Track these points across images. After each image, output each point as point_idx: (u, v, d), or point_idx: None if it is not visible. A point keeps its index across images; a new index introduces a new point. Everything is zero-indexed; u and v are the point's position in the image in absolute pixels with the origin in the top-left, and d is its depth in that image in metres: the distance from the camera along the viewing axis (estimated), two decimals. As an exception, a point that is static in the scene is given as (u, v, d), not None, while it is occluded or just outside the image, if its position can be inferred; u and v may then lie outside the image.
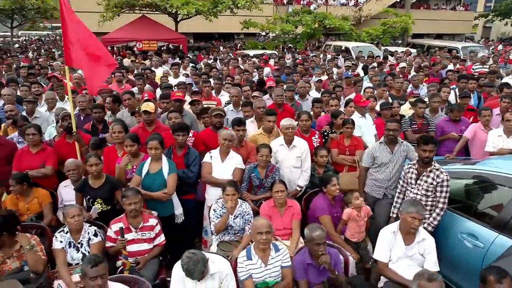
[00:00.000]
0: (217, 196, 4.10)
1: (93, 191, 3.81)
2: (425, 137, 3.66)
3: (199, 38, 27.56)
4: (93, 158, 3.75)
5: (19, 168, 4.29)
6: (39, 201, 4.13)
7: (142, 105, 4.72)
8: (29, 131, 4.34)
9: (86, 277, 2.58)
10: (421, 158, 3.64)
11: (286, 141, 4.40)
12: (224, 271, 2.93)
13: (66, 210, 3.42)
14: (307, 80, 7.81)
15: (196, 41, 26.79)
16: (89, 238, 3.46)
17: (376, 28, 19.51)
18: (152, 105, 4.71)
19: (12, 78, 7.42)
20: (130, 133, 4.18)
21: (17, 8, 14.80)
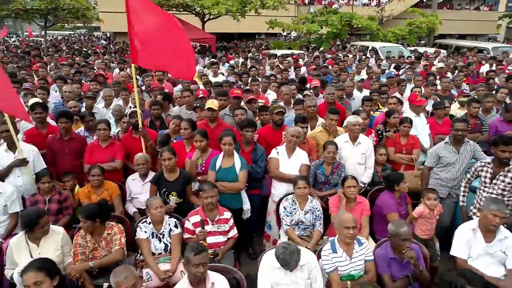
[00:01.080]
0: (284, 191, 4.20)
1: (168, 184, 3.93)
2: (505, 138, 3.66)
3: (219, 38, 27.83)
4: (167, 153, 3.87)
5: (90, 162, 4.45)
6: (109, 193, 4.29)
7: (207, 102, 4.83)
8: (100, 126, 4.50)
9: (189, 264, 2.69)
10: (500, 159, 3.65)
11: (351, 138, 4.45)
12: (312, 263, 3.00)
13: (150, 201, 3.55)
14: (344, 79, 7.86)
15: (217, 41, 27.05)
16: (170, 229, 3.58)
17: (402, 28, 19.33)
18: (216, 102, 4.83)
19: (60, 76, 7.66)
20: (200, 129, 4.30)
21: (52, 9, 15.17)
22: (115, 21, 21.64)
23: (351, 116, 4.52)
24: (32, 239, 3.22)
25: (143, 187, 4.36)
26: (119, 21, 21.68)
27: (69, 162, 4.53)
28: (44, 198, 4.09)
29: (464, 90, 7.31)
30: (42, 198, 4.09)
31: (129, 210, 4.36)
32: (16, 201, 3.99)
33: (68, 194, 4.25)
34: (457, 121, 4.33)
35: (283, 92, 5.80)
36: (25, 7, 14.32)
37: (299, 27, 17.72)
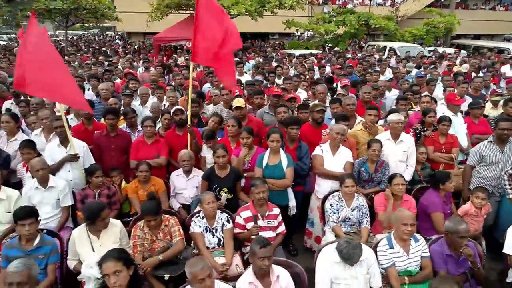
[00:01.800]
0: (328, 188, 4.24)
1: (219, 180, 4.01)
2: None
3: (234, 38, 27.95)
4: (221, 150, 3.94)
5: (136, 158, 4.55)
6: (155, 188, 4.37)
7: (234, 101, 4.91)
8: (146, 123, 4.59)
9: (255, 256, 2.76)
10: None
11: (393, 135, 4.48)
12: (371, 258, 3.04)
13: (203, 196, 3.63)
14: (375, 79, 7.86)
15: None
16: (222, 223, 3.65)
17: (419, 28, 19.22)
18: (242, 100, 4.92)
19: (93, 75, 7.80)
20: (247, 126, 4.37)
21: (73, 8, 15.40)
22: (131, 21, 21.95)
23: (394, 114, 4.55)
24: (93, 232, 3.31)
25: (187, 183, 4.45)
26: (135, 21, 22.07)
27: (115, 158, 4.63)
28: (94, 193, 4.20)
29: (495, 89, 7.28)
30: (92, 193, 4.21)
31: (173, 206, 4.44)
32: (68, 195, 4.11)
33: (116, 189, 4.35)
34: (502, 120, 4.34)
35: (319, 91, 5.84)
36: (48, 7, 14.55)
37: (316, 27, 17.73)
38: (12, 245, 3.29)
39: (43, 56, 3.80)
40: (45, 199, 3.98)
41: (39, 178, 3.96)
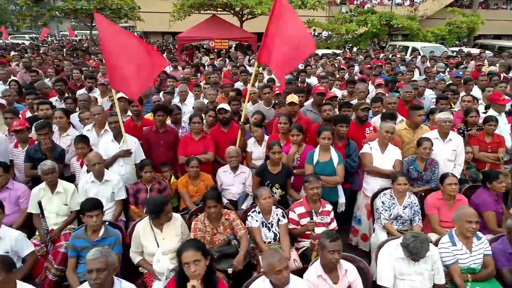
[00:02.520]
0: (377, 186, 4.26)
1: (272, 176, 4.06)
2: None
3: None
4: (276, 146, 3.99)
5: (185, 153, 4.63)
6: (205, 184, 4.46)
7: (287, 97, 4.95)
8: (195, 119, 4.67)
9: (324, 250, 2.80)
10: None
11: (441, 134, 4.47)
12: (435, 255, 3.05)
13: (259, 192, 3.68)
14: (409, 79, 7.82)
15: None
16: (278, 219, 3.70)
17: (441, 28, 18.98)
18: (296, 97, 4.95)
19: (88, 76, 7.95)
20: (297, 124, 4.41)
21: (99, 9, 15.67)
22: (150, 21, 22.19)
23: (442, 112, 4.53)
24: (156, 225, 3.39)
25: (234, 179, 4.51)
26: (154, 21, 22.33)
27: (163, 153, 4.72)
28: (145, 187, 4.30)
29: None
30: (144, 187, 4.31)
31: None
32: (122, 189, 4.21)
33: (166, 184, 4.45)
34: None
35: (359, 89, 5.84)
36: (75, 7, 14.83)
37: (338, 26, 17.66)
38: (79, 235, 3.40)
39: (121, 48, 4.02)
40: (100, 192, 4.09)
41: (96, 172, 4.07)
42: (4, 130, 4.77)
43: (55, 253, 3.74)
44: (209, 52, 14.84)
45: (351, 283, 2.87)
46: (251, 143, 4.89)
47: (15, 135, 4.45)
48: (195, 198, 4.39)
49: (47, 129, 4.31)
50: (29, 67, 8.60)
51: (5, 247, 3.27)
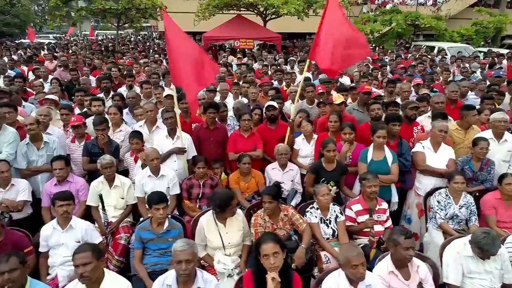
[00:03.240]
0: (431, 185, 4.24)
1: (327, 174, 4.09)
2: None
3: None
4: (332, 144, 4.02)
5: (235, 150, 4.70)
6: (256, 180, 4.52)
7: (334, 97, 4.97)
8: (245, 117, 4.74)
9: (398, 246, 2.81)
10: None
11: (496, 135, 4.41)
12: (504, 253, 3.03)
13: (318, 188, 3.71)
14: (446, 78, 7.74)
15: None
16: (336, 215, 3.73)
17: (468, 28, 18.66)
18: (342, 96, 4.96)
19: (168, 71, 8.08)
20: (349, 122, 4.43)
21: (127, 9, 15.95)
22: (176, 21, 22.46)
23: (497, 112, 4.48)
24: (220, 219, 3.46)
25: (283, 176, 4.55)
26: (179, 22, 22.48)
27: (213, 150, 4.80)
28: (198, 183, 4.39)
29: None
30: (197, 183, 4.39)
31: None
32: (177, 184, 4.31)
33: (218, 180, 4.52)
34: None
35: (403, 89, 5.82)
36: (104, 7, 15.14)
37: (362, 26, 17.54)
38: (145, 227, 3.50)
39: (184, 48, 4.16)
40: (156, 187, 4.17)
41: (153, 167, 4.17)
42: (60, 126, 4.92)
43: (115, 245, 3.87)
44: (234, 51, 14.93)
45: (422, 280, 2.87)
46: (300, 140, 4.92)
47: (73, 131, 4.59)
48: (246, 195, 4.46)
49: (104, 124, 4.44)
50: (67, 65, 8.84)
51: (76, 236, 3.39)
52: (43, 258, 3.39)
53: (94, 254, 2.51)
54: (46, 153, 4.35)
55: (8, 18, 33.95)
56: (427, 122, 5.11)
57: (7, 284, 2.42)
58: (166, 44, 4.43)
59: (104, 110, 5.16)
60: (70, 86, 7.51)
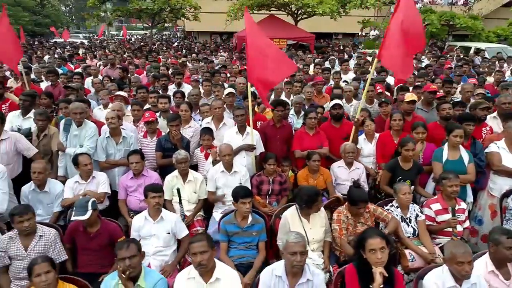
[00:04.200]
0: (506, 185, 4.18)
1: (404, 172, 4.10)
2: None
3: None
4: (411, 144, 4.01)
5: (301, 148, 4.76)
6: (324, 178, 4.55)
7: (406, 95, 4.96)
8: (311, 115, 4.77)
9: (500, 245, 2.80)
10: None
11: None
12: None
13: (399, 186, 3.73)
14: (498, 79, 7.58)
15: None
16: (416, 214, 3.73)
17: (504, 28, 18.17)
18: (415, 95, 4.94)
19: (216, 70, 8.25)
20: (421, 121, 4.43)
21: (161, 9, 16.27)
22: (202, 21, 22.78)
23: None
24: (304, 215, 3.52)
25: (349, 174, 4.58)
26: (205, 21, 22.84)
27: (279, 147, 4.86)
28: (268, 179, 4.46)
29: None
30: (267, 179, 4.46)
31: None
32: (248, 180, 4.39)
33: (286, 177, 4.58)
34: None
35: (466, 89, 5.74)
36: (141, 7, 15.48)
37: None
38: (230, 221, 3.60)
39: (263, 47, 4.31)
40: (229, 182, 4.27)
41: (226, 163, 4.27)
42: (130, 121, 5.09)
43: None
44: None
45: (522, 280, 2.85)
46: (361, 139, 4.94)
47: (146, 126, 4.74)
48: (313, 192, 4.50)
49: (178, 121, 4.57)
50: (114, 63, 9.10)
51: (166, 228, 3.51)
52: (134, 247, 3.53)
53: (209, 243, 2.61)
54: (123, 148, 4.51)
55: (40, 18, 35.14)
56: (492, 122, 5.04)
57: (128, 269, 2.54)
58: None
59: (169, 107, 5.31)
60: (120, 83, 7.75)
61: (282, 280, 2.62)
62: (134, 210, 4.24)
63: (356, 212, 3.56)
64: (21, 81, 6.64)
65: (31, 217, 3.21)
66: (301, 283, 2.64)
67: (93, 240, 3.37)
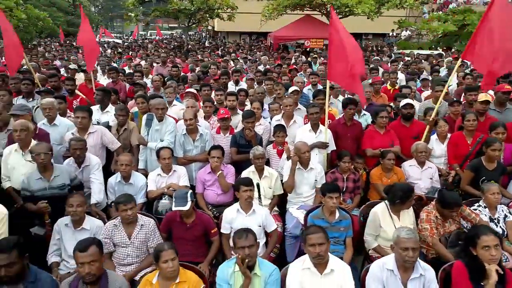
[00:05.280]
0: None
1: (488, 172, 4.06)
2: None
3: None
4: (498, 144, 3.97)
5: (372, 146, 4.77)
6: (397, 177, 4.54)
7: (480, 95, 4.90)
8: (382, 114, 4.78)
9: None
10: None
11: None
12: None
13: (487, 186, 3.69)
14: None
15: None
16: (504, 215, 3.69)
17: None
18: (489, 95, 4.87)
19: (268, 69, 8.37)
20: (500, 122, 4.37)
21: (198, 9, 16.52)
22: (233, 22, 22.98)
23: None
24: (394, 211, 3.55)
25: (422, 173, 4.56)
26: (243, 22, 22.99)
27: (350, 145, 4.88)
28: (342, 176, 4.51)
29: None
30: (341, 176, 4.51)
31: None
32: (324, 177, 4.44)
33: (359, 175, 4.62)
34: None
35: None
36: (180, 7, 15.78)
37: (436, 27, 16.97)
38: (318, 216, 3.66)
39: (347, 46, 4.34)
40: (305, 179, 4.34)
41: (304, 160, 4.33)
42: (201, 117, 5.23)
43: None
44: (305, 52, 15.00)
45: None
46: (433, 140, 4.91)
47: (220, 122, 4.86)
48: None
49: (253, 118, 4.67)
50: (165, 61, 9.35)
51: (258, 221, 3.61)
52: (225, 239, 3.65)
53: (325, 235, 2.69)
54: (200, 144, 4.65)
55: (73, 18, 36.27)
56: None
57: (247, 258, 2.65)
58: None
59: (236, 105, 5.43)
60: (170, 81, 7.97)
61: (394, 274, 2.66)
62: (212, 203, 4.38)
63: (447, 214, 3.55)
64: (87, 78, 6.92)
65: (133, 206, 3.38)
66: (413, 278, 2.68)
67: (189, 230, 3.51)
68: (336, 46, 4.42)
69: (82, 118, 4.30)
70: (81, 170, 3.98)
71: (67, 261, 3.34)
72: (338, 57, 4.42)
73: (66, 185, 3.67)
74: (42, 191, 3.58)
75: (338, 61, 4.40)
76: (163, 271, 2.63)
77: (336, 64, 4.43)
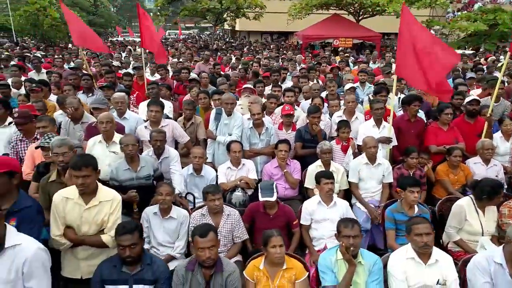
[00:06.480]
0: None
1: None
2: None
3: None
4: None
5: (436, 143, 4.79)
6: (464, 173, 4.56)
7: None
8: (447, 111, 4.79)
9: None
10: None
11: None
12: None
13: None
14: None
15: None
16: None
17: None
18: None
19: (311, 67, 8.43)
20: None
21: (226, 8, 16.64)
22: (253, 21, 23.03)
23: None
24: (479, 206, 3.56)
25: (488, 171, 4.56)
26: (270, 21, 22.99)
27: (412, 141, 4.88)
28: (408, 172, 4.52)
29: None
30: (407, 172, 4.53)
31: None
32: (391, 173, 4.47)
33: (425, 171, 4.63)
34: None
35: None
36: (209, 7, 15.94)
37: (464, 25, 16.76)
38: (396, 209, 3.70)
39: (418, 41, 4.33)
40: (372, 174, 4.38)
41: (370, 155, 4.36)
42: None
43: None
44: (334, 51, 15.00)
45: None
46: (497, 138, 4.89)
47: (283, 118, 4.92)
48: (455, 187, 4.52)
49: (319, 113, 4.73)
50: (208, 59, 9.52)
51: (340, 213, 3.65)
52: (304, 230, 3.72)
53: (430, 225, 2.74)
54: (266, 138, 4.73)
55: (95, 18, 36.91)
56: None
57: (352, 247, 2.71)
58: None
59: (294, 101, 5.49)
60: (213, 78, 8.09)
61: (502, 268, 2.66)
62: (279, 197, 4.43)
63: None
64: (139, 75, 7.09)
65: (220, 197, 3.47)
66: (522, 271, 2.68)
67: (272, 221, 3.58)
68: (406, 41, 4.42)
69: (156, 112, 4.42)
70: (160, 162, 4.09)
71: (157, 249, 3.45)
72: (407, 53, 4.42)
73: (151, 175, 3.79)
74: (130, 181, 3.70)
75: (407, 57, 4.40)
76: (270, 256, 2.71)
77: (405, 60, 4.43)
